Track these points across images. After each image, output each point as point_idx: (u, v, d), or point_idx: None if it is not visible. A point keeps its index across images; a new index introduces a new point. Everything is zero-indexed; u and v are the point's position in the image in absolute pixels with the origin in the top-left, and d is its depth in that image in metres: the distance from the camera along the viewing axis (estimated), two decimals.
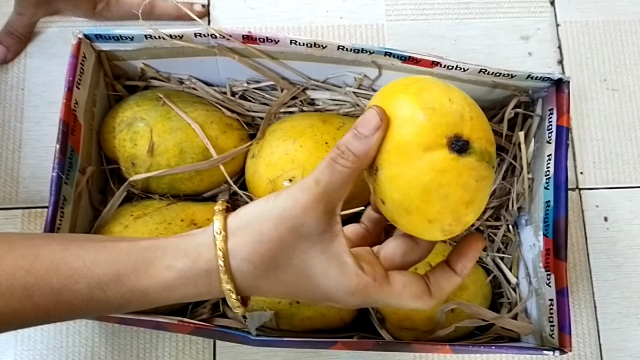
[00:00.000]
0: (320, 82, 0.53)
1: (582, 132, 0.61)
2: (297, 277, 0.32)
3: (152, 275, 0.32)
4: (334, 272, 0.32)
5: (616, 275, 0.58)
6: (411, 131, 0.31)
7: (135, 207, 0.49)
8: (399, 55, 0.47)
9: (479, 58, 0.62)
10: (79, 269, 0.32)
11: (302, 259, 0.32)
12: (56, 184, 0.44)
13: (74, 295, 0.32)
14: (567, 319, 0.43)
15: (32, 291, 0.31)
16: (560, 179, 0.46)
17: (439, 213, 0.31)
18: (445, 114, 0.31)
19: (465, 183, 0.31)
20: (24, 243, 0.33)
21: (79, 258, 0.32)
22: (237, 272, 0.32)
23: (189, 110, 0.50)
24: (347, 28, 0.63)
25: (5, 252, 0.32)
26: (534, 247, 0.49)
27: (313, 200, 0.31)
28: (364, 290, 0.32)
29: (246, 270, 0.32)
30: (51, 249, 0.32)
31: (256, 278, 0.32)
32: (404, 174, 0.31)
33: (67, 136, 0.45)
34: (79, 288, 0.32)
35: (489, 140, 0.32)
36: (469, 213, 0.32)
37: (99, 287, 0.32)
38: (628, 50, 0.63)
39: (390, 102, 0.32)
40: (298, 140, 0.49)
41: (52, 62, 0.60)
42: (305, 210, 0.31)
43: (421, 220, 0.32)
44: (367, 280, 0.32)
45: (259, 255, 0.32)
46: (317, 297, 0.33)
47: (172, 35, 0.47)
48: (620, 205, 0.59)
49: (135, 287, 0.32)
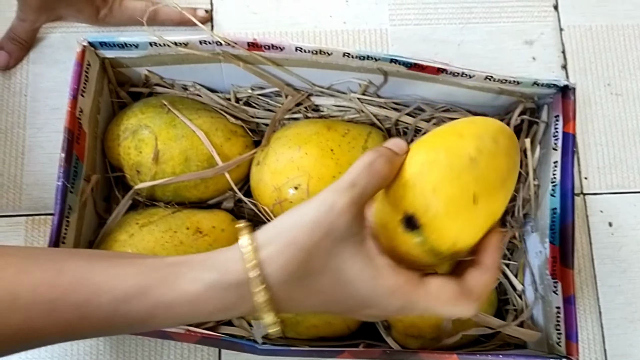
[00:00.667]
0: (324, 88, 0.53)
1: (586, 137, 0.61)
2: (333, 284, 0.32)
3: (177, 288, 0.31)
4: (370, 272, 0.32)
5: (621, 281, 0.58)
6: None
7: (140, 215, 0.49)
8: (404, 62, 0.47)
9: (483, 63, 0.62)
10: (103, 283, 0.31)
11: (338, 264, 0.31)
12: (61, 192, 0.44)
13: (97, 309, 0.31)
14: (574, 327, 0.43)
15: (55, 305, 0.30)
16: (566, 186, 0.45)
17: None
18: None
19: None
20: (47, 257, 0.32)
21: (104, 272, 0.31)
22: (273, 282, 0.31)
23: (193, 118, 0.50)
24: (351, 33, 0.62)
25: (28, 266, 0.31)
26: (540, 254, 0.49)
27: (350, 204, 0.31)
28: (403, 289, 0.32)
29: (281, 279, 0.31)
30: (75, 263, 0.32)
31: (292, 289, 0.31)
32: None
33: (72, 145, 0.45)
34: (101, 302, 0.31)
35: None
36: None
37: (123, 300, 0.31)
38: (632, 54, 0.63)
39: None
40: (303, 147, 0.49)
41: (54, 68, 0.60)
42: (341, 214, 0.31)
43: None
44: (403, 278, 0.32)
45: (295, 263, 0.31)
46: (354, 305, 0.33)
47: (177, 42, 0.47)
48: (625, 211, 0.59)
49: (159, 300, 0.31)
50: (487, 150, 0.33)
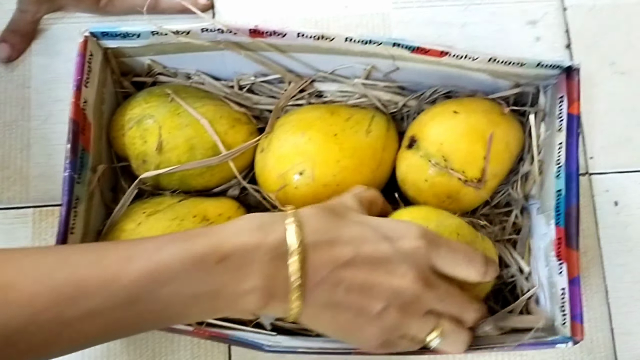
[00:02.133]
0: (328, 73, 0.53)
1: (590, 117, 0.61)
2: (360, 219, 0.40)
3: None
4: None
5: (627, 260, 0.58)
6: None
7: (147, 204, 0.49)
8: (407, 45, 0.47)
9: (487, 44, 0.61)
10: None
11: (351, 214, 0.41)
12: (69, 184, 0.44)
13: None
14: (579, 308, 0.43)
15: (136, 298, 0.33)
16: (571, 168, 0.45)
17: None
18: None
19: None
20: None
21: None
22: (307, 222, 0.36)
23: (197, 106, 0.50)
24: (353, 17, 0.62)
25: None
26: (545, 235, 0.49)
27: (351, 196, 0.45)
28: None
29: (315, 217, 0.37)
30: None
31: (326, 226, 0.37)
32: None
33: (78, 135, 0.45)
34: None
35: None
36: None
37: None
38: (636, 32, 0.62)
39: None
40: (307, 132, 0.49)
41: (57, 59, 0.60)
42: (347, 198, 0.44)
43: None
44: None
45: (322, 207, 0.39)
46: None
47: (179, 31, 0.47)
48: (631, 190, 0.59)
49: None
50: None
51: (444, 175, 0.48)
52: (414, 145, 0.50)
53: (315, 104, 0.54)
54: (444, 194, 0.49)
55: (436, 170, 0.48)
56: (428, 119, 0.51)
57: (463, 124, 0.49)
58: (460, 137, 0.48)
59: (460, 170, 0.48)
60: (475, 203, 0.51)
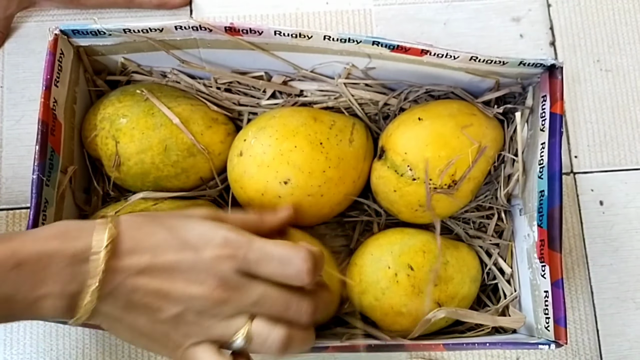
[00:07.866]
0: (308, 72, 0.52)
1: (575, 115, 0.60)
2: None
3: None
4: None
5: (613, 260, 0.57)
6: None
7: (121, 206, 0.48)
8: (387, 44, 0.45)
9: (470, 42, 0.60)
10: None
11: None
12: (37, 186, 0.43)
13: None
14: (562, 311, 0.43)
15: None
16: (554, 168, 0.44)
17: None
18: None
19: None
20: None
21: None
22: (122, 229, 0.36)
23: (172, 106, 0.49)
24: (334, 14, 0.61)
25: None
26: (528, 237, 0.48)
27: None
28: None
29: (132, 224, 0.37)
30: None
31: (135, 234, 0.36)
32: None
33: (47, 137, 0.44)
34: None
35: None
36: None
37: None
38: (621, 29, 0.61)
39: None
40: (292, 140, 0.47)
41: (30, 58, 0.58)
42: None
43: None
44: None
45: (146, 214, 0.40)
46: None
47: (152, 28, 0.46)
48: (616, 189, 0.58)
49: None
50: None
51: (411, 185, 0.47)
52: (383, 157, 0.49)
53: (295, 107, 0.52)
54: (415, 203, 0.48)
55: (403, 180, 0.47)
56: (394, 128, 0.49)
57: (426, 130, 0.48)
58: (424, 145, 0.47)
59: (428, 178, 0.47)
60: (452, 208, 0.50)
